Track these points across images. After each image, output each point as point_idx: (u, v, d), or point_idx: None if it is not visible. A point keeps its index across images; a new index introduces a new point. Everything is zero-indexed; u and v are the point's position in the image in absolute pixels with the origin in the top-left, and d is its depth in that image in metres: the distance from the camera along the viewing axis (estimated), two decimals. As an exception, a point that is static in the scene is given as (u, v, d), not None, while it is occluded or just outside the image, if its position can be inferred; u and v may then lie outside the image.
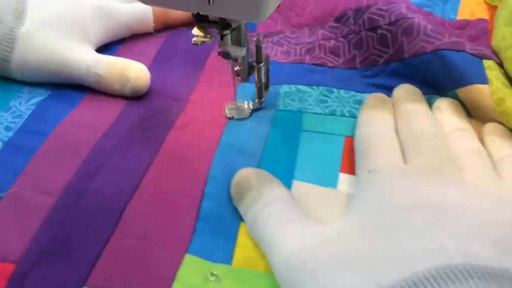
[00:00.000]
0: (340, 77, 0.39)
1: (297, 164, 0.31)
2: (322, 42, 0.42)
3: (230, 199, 0.29)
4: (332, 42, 0.42)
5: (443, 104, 0.33)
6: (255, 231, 0.26)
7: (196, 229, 0.27)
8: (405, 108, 0.32)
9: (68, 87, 0.37)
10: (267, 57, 0.34)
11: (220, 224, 0.27)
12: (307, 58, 0.41)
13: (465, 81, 0.34)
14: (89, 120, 0.34)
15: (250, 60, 0.33)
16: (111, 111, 0.35)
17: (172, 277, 0.25)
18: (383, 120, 0.31)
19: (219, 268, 0.25)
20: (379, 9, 0.39)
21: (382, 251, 0.21)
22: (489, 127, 0.31)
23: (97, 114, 0.35)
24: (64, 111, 0.35)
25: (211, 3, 0.25)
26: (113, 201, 0.28)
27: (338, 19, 0.43)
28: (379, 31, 0.38)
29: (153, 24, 0.42)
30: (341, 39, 0.41)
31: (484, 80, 0.33)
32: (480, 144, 0.30)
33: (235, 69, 0.33)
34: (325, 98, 0.36)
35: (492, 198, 0.24)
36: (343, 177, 0.30)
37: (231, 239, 0.27)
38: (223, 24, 0.28)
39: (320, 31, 0.43)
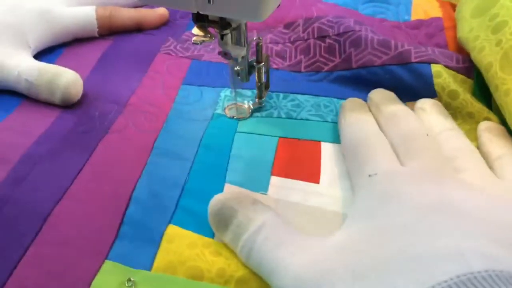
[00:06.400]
0: (283, 78, 0.39)
1: (229, 166, 0.31)
2: (269, 45, 0.42)
3: (156, 204, 0.28)
4: (280, 46, 0.42)
5: (427, 105, 0.33)
6: (252, 259, 0.24)
7: (119, 234, 0.27)
8: (389, 110, 0.32)
9: (4, 92, 0.37)
10: (267, 57, 0.34)
11: (145, 229, 0.27)
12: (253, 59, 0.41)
13: (413, 96, 0.35)
14: (23, 126, 0.34)
15: (250, 60, 0.33)
16: (47, 116, 0.35)
17: (87, 284, 0.24)
18: (369, 122, 0.31)
19: (138, 274, 0.25)
20: (329, 21, 0.41)
21: (396, 259, 0.20)
22: (485, 125, 0.31)
23: (32, 120, 0.34)
24: (-2, 117, 0.35)
25: (211, 2, 0.25)
26: (38, 207, 0.28)
27: (287, 26, 0.43)
28: (328, 40, 0.39)
29: (97, 29, 0.42)
30: (289, 44, 0.42)
31: (432, 93, 0.35)
32: (470, 143, 0.30)
33: (235, 69, 0.33)
34: (264, 102, 0.36)
35: (493, 198, 0.24)
36: (274, 180, 0.30)
37: (154, 244, 0.26)
38: (223, 24, 0.28)
39: (269, 35, 0.43)
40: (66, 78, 0.34)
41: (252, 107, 0.36)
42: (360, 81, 0.37)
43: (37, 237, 0.26)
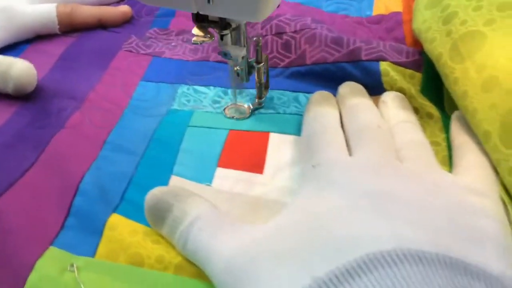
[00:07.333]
0: (240, 73, 0.40)
1: (177, 160, 0.32)
2: None
3: (102, 196, 0.29)
4: None
5: (389, 98, 0.34)
6: (188, 249, 0.25)
7: (65, 225, 0.28)
8: (350, 103, 0.33)
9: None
10: (267, 57, 0.34)
11: (89, 219, 0.28)
12: (212, 56, 0.42)
13: None
14: (-21, 121, 0.35)
15: (250, 60, 0.34)
16: (4, 111, 0.36)
17: (30, 268, 0.25)
18: (329, 115, 0.32)
19: (81, 260, 0.26)
20: (287, 18, 0.42)
21: (318, 243, 0.21)
22: (457, 113, 0.32)
23: (-12, 115, 0.35)
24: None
25: (211, 2, 0.25)
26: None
27: (247, 23, 0.44)
28: (284, 37, 0.40)
29: (58, 26, 0.43)
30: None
31: (382, 90, 0.36)
32: (423, 134, 0.31)
33: (235, 69, 0.33)
34: (218, 99, 0.37)
35: (428, 187, 0.25)
36: (220, 172, 0.31)
37: (97, 233, 0.27)
38: (223, 24, 0.29)
39: None
40: (18, 67, 0.35)
41: (251, 107, 0.36)
42: (314, 77, 0.38)
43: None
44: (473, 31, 0.31)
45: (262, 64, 0.34)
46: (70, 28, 0.44)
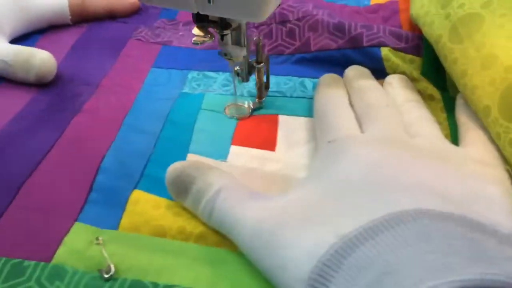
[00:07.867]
0: (248, 61, 0.41)
1: (193, 139, 0.33)
2: None
3: (123, 173, 0.31)
4: None
5: (394, 79, 0.36)
6: (213, 219, 0.26)
7: (88, 200, 0.29)
8: (358, 85, 0.34)
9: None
10: (267, 57, 0.35)
11: (112, 194, 0.29)
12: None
13: None
14: (0, 106, 0.36)
15: (250, 60, 0.34)
16: (22, 97, 0.37)
17: (58, 243, 0.26)
18: (338, 95, 0.34)
19: (106, 233, 0.27)
20: (289, 6, 0.43)
21: (341, 208, 0.23)
22: (461, 94, 0.33)
23: (8, 101, 0.36)
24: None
25: (211, 2, 0.25)
26: (13, 179, 0.30)
27: None
28: (288, 25, 0.42)
29: (70, 17, 0.44)
30: (253, 29, 0.44)
31: (385, 74, 0.37)
32: (428, 112, 0.33)
33: (235, 69, 0.34)
34: (228, 83, 0.39)
35: (439, 157, 0.27)
36: (234, 149, 0.32)
37: (121, 207, 0.28)
38: (223, 24, 0.29)
39: None
40: (40, 57, 0.37)
41: (252, 107, 0.36)
42: (319, 63, 0.40)
43: (11, 205, 0.29)
44: (471, 13, 0.33)
45: (262, 64, 0.34)
46: (81, 18, 0.45)
